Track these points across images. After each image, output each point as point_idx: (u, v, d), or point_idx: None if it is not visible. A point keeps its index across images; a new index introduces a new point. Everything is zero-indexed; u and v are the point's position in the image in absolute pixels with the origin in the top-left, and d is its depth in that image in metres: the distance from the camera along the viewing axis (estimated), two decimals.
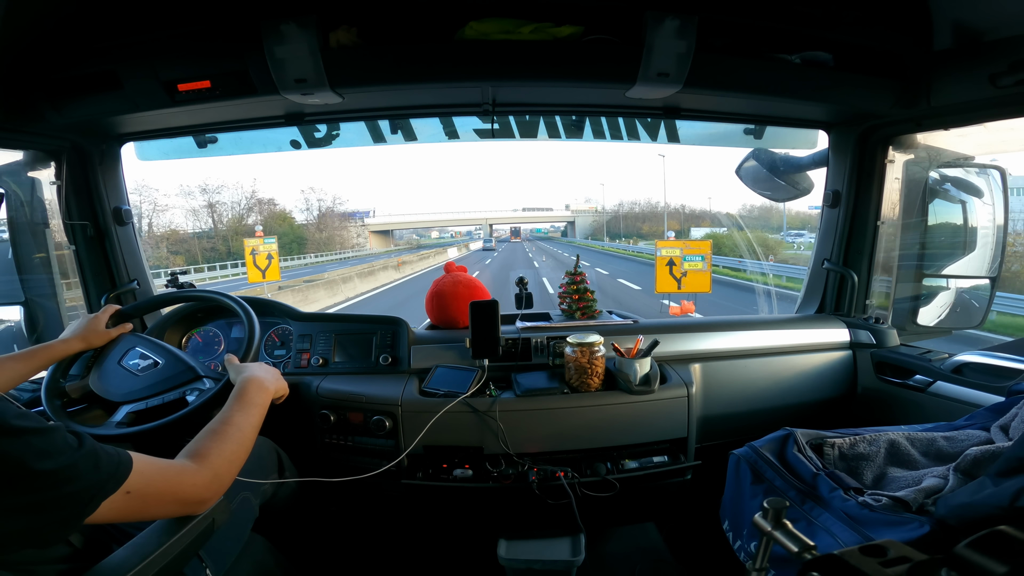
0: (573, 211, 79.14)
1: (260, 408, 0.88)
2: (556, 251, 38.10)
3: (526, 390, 1.26)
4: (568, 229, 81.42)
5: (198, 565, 0.78)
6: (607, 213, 70.41)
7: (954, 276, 1.61)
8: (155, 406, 1.04)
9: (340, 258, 37.57)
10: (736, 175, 1.86)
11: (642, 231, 57.56)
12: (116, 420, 1.02)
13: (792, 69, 1.24)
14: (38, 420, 0.55)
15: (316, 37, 1.11)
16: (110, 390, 1.07)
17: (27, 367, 1.01)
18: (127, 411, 1.03)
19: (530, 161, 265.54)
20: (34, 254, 1.47)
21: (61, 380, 1.09)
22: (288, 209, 47.32)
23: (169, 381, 1.07)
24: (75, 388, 1.08)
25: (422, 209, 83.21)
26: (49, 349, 1.05)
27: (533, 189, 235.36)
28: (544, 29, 1.18)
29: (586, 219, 73.71)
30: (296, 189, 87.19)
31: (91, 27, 1.14)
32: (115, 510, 0.59)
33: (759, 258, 7.91)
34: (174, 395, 1.05)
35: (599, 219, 69.85)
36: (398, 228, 69.15)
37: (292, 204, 60.14)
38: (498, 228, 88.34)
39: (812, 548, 0.55)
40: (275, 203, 44.41)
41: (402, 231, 74.56)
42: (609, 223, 65.00)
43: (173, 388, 1.06)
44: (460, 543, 1.50)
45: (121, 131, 1.48)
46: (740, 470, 0.93)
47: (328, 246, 43.59)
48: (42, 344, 1.06)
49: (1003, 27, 1.09)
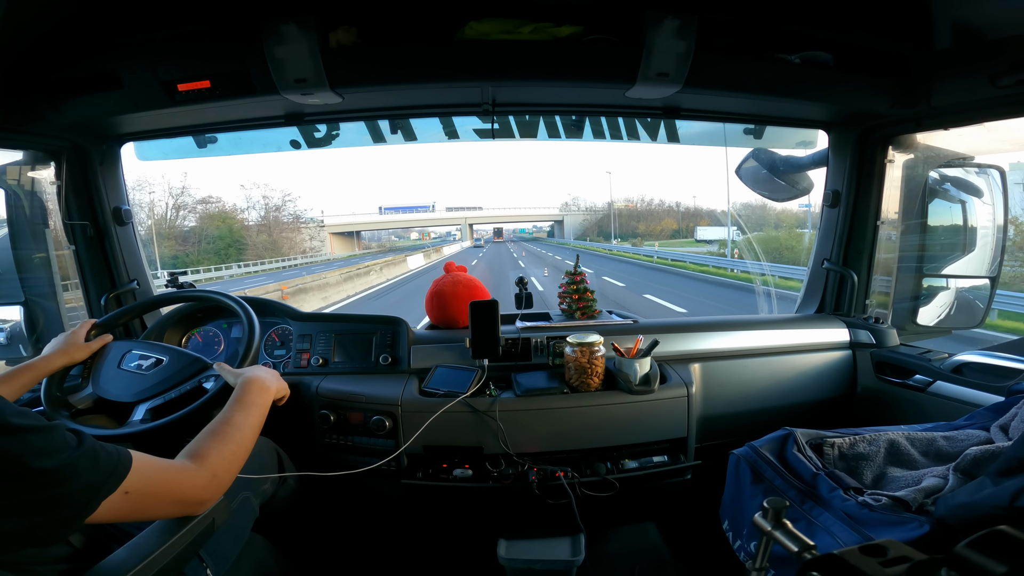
0: (561, 209, 74.42)
1: (261, 409, 0.88)
2: (541, 251, 36.82)
3: (526, 390, 1.26)
4: (555, 229, 77.11)
5: (198, 565, 0.78)
6: (598, 211, 66.95)
7: (954, 276, 1.61)
8: (173, 399, 1.04)
9: (283, 266, 30.32)
10: (736, 175, 1.86)
11: (638, 230, 55.68)
12: (137, 418, 1.02)
13: (792, 69, 1.24)
14: (37, 418, 0.55)
15: (316, 37, 1.11)
16: (120, 393, 1.06)
17: (9, 388, 0.97)
18: (146, 408, 1.03)
19: (514, 159, 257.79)
20: (34, 254, 1.47)
21: (58, 392, 1.07)
22: (239, 208, 40.00)
23: (180, 374, 1.07)
24: (82, 400, 1.07)
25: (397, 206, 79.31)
26: (31, 368, 1.02)
27: (516, 188, 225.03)
28: (544, 29, 1.18)
29: (575, 218, 68.80)
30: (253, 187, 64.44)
31: (91, 27, 1.13)
32: (114, 510, 0.58)
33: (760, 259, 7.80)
34: (190, 385, 1.06)
35: (590, 218, 66.18)
36: (367, 229, 63.27)
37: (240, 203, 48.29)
38: (479, 229, 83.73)
39: (812, 548, 0.55)
40: (212, 201, 37.11)
41: (377, 233, 69.57)
42: (601, 222, 61.81)
43: (187, 379, 1.07)
44: (460, 543, 1.50)
45: (121, 131, 1.47)
46: (740, 470, 0.94)
47: (275, 251, 36.11)
48: (23, 364, 1.02)
49: (1003, 27, 1.09)
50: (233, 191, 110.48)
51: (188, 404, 1.01)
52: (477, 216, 75.17)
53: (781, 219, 26.44)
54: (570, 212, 70.90)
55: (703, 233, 31.94)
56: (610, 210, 62.38)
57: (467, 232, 68.23)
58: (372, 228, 64.43)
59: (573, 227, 66.83)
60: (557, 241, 61.95)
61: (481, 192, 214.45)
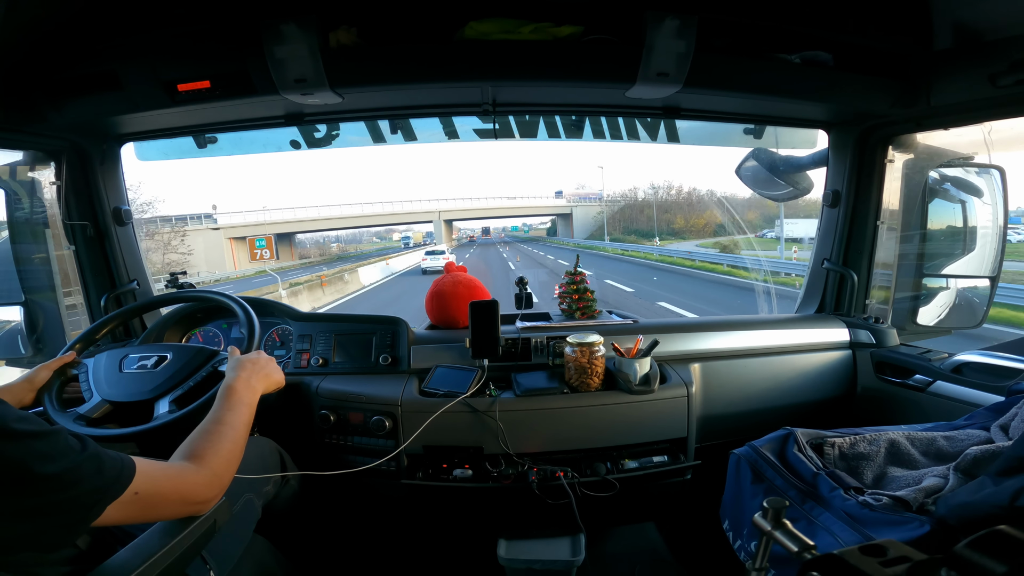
0: (568, 200, 54.11)
1: (249, 407, 0.88)
2: (539, 254, 29.23)
3: (526, 390, 1.26)
4: (556, 225, 60.57)
5: (201, 566, 0.78)
6: (618, 201, 49.26)
7: (954, 276, 1.61)
8: (192, 387, 1.04)
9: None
10: (736, 175, 1.87)
11: (675, 226, 39.72)
12: (165, 411, 1.00)
13: (792, 69, 1.24)
14: (39, 423, 0.55)
15: (316, 37, 1.11)
16: (135, 392, 1.04)
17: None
18: (169, 400, 1.02)
19: (508, 145, 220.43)
20: (34, 254, 1.47)
21: (63, 408, 1.02)
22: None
23: (191, 364, 1.08)
24: (93, 409, 1.02)
25: (347, 200, 57.33)
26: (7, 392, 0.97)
27: (511, 177, 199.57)
28: (544, 29, 1.18)
29: (588, 210, 50.26)
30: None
31: (91, 27, 1.13)
32: (122, 512, 0.59)
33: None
34: (206, 370, 1.07)
35: (609, 209, 46.83)
36: (302, 231, 42.72)
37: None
38: (462, 227, 66.35)
39: (812, 548, 0.55)
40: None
41: (359, 233, 48.28)
42: (623, 214, 45.88)
43: (200, 366, 1.07)
44: (460, 543, 1.50)
45: (121, 131, 1.47)
46: (740, 470, 0.94)
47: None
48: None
49: (1003, 27, 1.09)
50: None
51: (209, 389, 1.01)
52: (456, 210, 49.02)
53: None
54: (581, 203, 51.68)
55: (791, 229, 19.83)
56: (653, 198, 44.58)
57: (441, 232, 44.81)
58: (311, 228, 42.44)
59: (585, 222, 49.28)
60: (571, 243, 42.76)
61: (465, 181, 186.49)
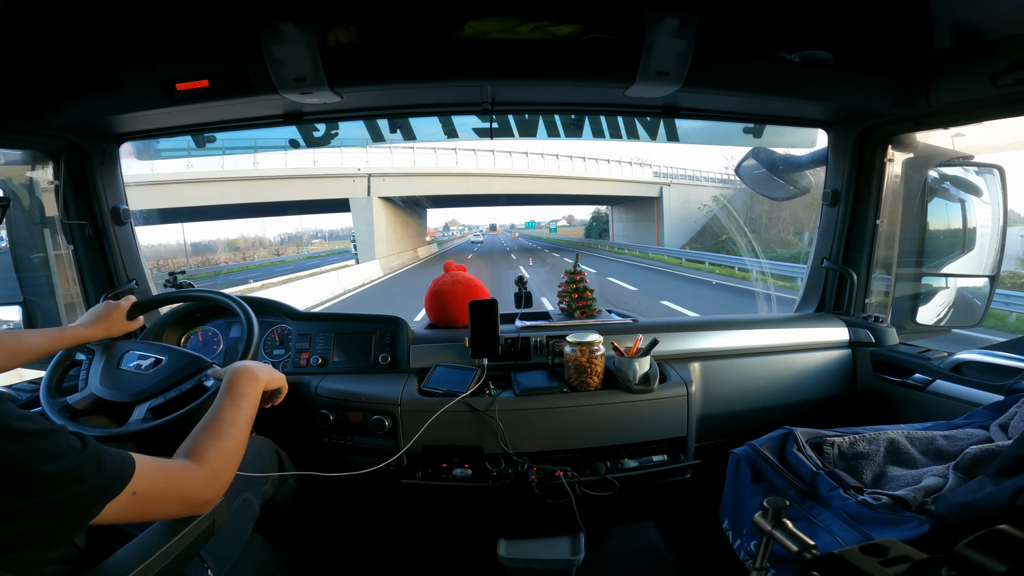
0: (659, 174, 25.80)
1: (251, 400, 0.85)
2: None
3: (525, 389, 1.26)
4: (610, 218, 37.38)
5: (199, 565, 0.78)
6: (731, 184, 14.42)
7: (953, 275, 1.61)
8: (173, 398, 1.04)
9: None
10: (736, 174, 1.87)
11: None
12: (139, 417, 1.02)
13: (792, 68, 1.23)
14: (41, 422, 0.55)
15: (315, 36, 1.11)
16: (119, 393, 1.06)
17: (49, 344, 1.04)
18: (147, 408, 1.03)
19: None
20: (32, 254, 1.47)
21: (56, 394, 1.08)
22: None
23: (180, 373, 1.07)
24: (79, 401, 1.07)
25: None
26: (74, 332, 1.08)
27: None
28: (543, 28, 1.17)
29: (684, 194, 24.84)
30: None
31: (89, 27, 1.13)
32: (121, 511, 0.58)
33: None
34: (190, 384, 1.06)
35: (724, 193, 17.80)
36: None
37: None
38: (462, 222, 54.92)
39: (812, 547, 0.55)
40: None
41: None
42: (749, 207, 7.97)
43: (187, 378, 1.07)
44: (460, 543, 1.50)
45: (119, 131, 1.47)
46: (740, 469, 0.94)
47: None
48: (66, 326, 1.08)
49: (1003, 27, 1.09)
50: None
51: (189, 403, 1.01)
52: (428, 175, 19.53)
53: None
54: (678, 179, 25.95)
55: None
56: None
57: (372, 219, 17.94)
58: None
59: (683, 214, 24.74)
60: (670, 254, 19.62)
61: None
